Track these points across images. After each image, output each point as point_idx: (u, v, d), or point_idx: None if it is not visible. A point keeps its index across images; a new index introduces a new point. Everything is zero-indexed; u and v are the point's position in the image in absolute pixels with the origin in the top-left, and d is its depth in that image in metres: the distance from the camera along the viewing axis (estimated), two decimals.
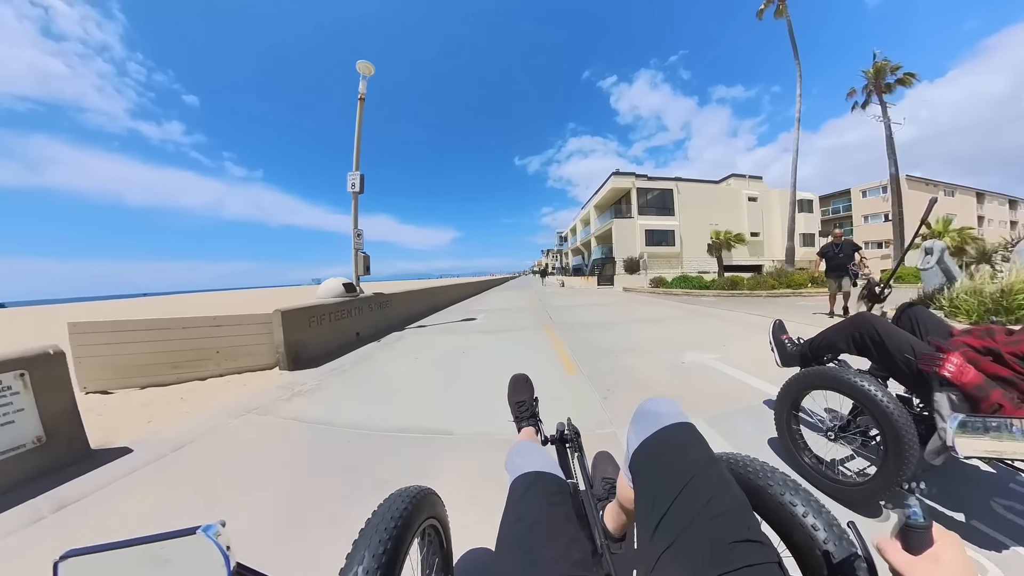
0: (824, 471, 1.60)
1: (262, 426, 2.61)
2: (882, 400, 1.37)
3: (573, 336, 5.60)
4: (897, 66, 21.48)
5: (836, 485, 1.54)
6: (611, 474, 1.22)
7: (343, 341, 5.60)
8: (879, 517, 1.43)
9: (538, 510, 0.70)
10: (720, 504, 0.55)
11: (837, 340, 1.75)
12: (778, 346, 2.13)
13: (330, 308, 5.38)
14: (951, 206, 31.81)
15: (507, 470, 0.89)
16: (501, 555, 0.66)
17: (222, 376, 4.32)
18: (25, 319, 18.00)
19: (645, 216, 27.39)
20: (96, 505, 1.73)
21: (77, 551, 0.39)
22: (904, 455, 1.32)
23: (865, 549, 0.55)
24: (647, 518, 0.60)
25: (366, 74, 7.01)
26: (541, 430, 1.36)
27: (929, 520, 0.47)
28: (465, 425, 2.49)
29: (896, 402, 1.38)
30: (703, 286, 13.70)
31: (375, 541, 0.63)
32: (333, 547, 1.31)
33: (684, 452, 0.66)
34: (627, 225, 26.99)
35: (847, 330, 1.69)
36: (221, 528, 0.42)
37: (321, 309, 5.18)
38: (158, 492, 1.83)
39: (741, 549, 0.50)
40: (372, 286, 20.48)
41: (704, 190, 28.85)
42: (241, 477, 1.94)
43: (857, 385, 1.44)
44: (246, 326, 4.64)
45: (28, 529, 1.56)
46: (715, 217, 27.30)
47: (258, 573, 0.45)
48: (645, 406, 0.80)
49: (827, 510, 0.65)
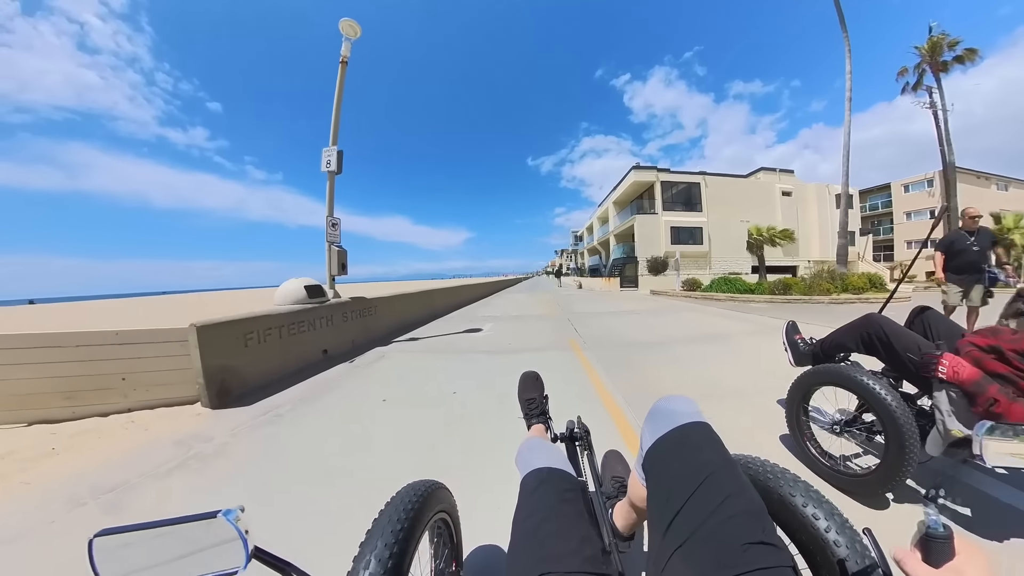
0: (830, 463, 1.70)
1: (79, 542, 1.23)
2: (884, 396, 1.46)
3: (616, 362, 4.04)
4: (956, 41, 19.26)
5: (842, 476, 1.62)
6: (621, 473, 1.20)
7: (304, 362, 4.26)
8: (885, 508, 1.48)
9: (550, 506, 0.69)
10: (735, 505, 0.54)
11: (847, 340, 1.85)
12: (791, 346, 2.22)
13: (282, 319, 4.02)
14: (1005, 201, 28.90)
15: (518, 466, 0.88)
16: (512, 550, 0.65)
17: (129, 412, 3.14)
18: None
19: (670, 212, 24.68)
20: None
21: (110, 530, 0.42)
22: (905, 448, 1.40)
23: (882, 557, 0.53)
24: (659, 517, 0.59)
25: (351, 36, 5.71)
26: (551, 428, 1.36)
27: (950, 530, 0.44)
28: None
29: (898, 398, 1.47)
30: (747, 289, 11.99)
31: (388, 532, 0.64)
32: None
33: (699, 451, 0.64)
34: (651, 222, 24.34)
35: (856, 330, 1.79)
36: (240, 513, 0.44)
37: (266, 321, 3.81)
38: None
39: (755, 551, 0.49)
40: (382, 287, 19.56)
41: (733, 185, 25.96)
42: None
43: (861, 382, 1.54)
44: (161, 344, 3.37)
45: None
46: (746, 213, 25.22)
47: (276, 556, 0.47)
48: (660, 404, 0.78)
49: (843, 516, 0.63)
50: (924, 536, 0.45)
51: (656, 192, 25.01)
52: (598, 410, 2.67)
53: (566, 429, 1.27)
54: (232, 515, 0.43)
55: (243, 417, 2.88)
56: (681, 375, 3.54)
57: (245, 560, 0.43)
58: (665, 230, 23.96)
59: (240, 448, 2.30)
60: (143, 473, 2.01)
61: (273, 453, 2.22)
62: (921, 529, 0.45)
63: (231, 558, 0.43)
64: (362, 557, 0.60)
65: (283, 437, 2.45)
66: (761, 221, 22.29)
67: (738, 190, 25.67)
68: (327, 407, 3.05)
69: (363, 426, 2.60)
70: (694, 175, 25.34)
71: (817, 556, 0.62)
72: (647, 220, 24.43)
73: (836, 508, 0.65)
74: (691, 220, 24.62)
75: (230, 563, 0.43)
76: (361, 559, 0.60)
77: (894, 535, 0.64)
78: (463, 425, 2.53)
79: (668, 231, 24.03)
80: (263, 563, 0.47)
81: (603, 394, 3.04)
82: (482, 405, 2.90)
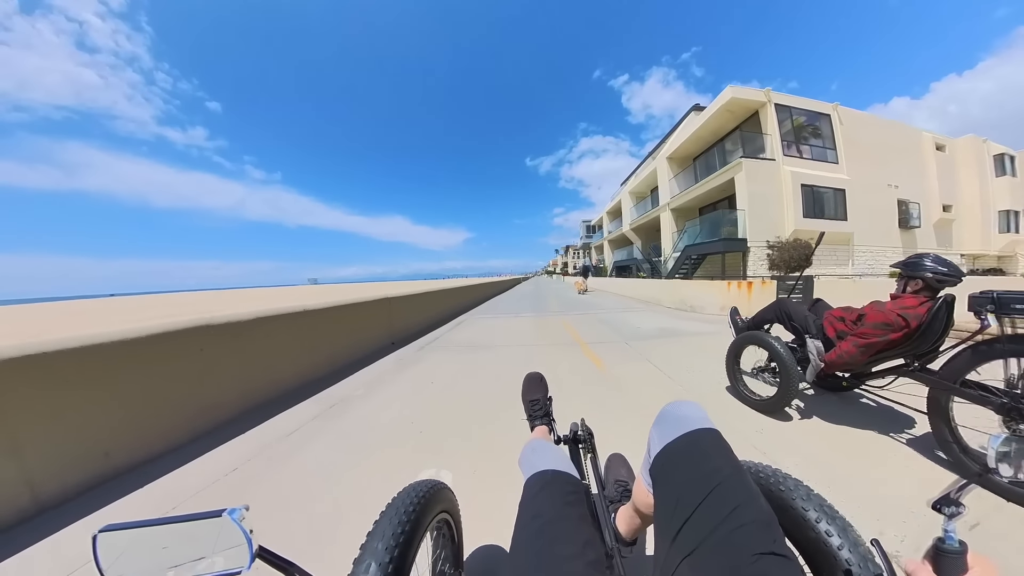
0: (753, 395, 2.57)
1: None
2: (778, 348, 2.34)
3: None
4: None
5: (758, 403, 2.48)
6: (624, 477, 1.19)
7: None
8: (789, 421, 2.31)
9: (553, 508, 0.68)
10: (745, 514, 0.53)
11: (766, 315, 2.73)
12: (733, 323, 3.09)
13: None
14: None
15: (521, 467, 0.86)
16: (514, 551, 0.63)
17: None
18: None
19: (795, 161, 13.56)
20: None
21: (114, 526, 0.41)
22: (791, 379, 2.24)
23: (890, 569, 0.52)
24: (667, 524, 0.59)
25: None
26: (554, 429, 1.34)
27: (964, 545, 0.44)
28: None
29: (787, 348, 2.35)
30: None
31: (389, 533, 0.63)
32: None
33: (709, 459, 0.64)
34: (765, 172, 13.09)
35: (772, 310, 2.69)
36: (245, 512, 0.44)
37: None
38: None
39: (765, 562, 0.48)
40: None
41: (871, 126, 15.09)
42: None
43: (767, 340, 2.43)
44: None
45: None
46: (893, 175, 15.74)
47: (280, 556, 0.47)
48: (669, 409, 0.77)
49: (852, 528, 0.63)
50: (937, 549, 0.44)
51: (770, 120, 13.58)
52: None
53: (570, 431, 1.27)
54: (237, 514, 0.43)
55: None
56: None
57: (249, 560, 0.43)
58: (793, 189, 13.03)
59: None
60: None
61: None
62: (934, 542, 0.45)
63: (235, 557, 0.43)
64: (363, 559, 0.60)
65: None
66: (910, 188, 15.85)
67: (877, 136, 15.67)
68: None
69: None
70: (821, 104, 15.13)
71: (824, 566, 0.61)
72: (759, 169, 13.06)
73: (843, 517, 0.65)
74: (827, 176, 14.41)
75: (234, 562, 0.43)
76: (362, 561, 0.59)
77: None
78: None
79: (798, 192, 13.25)
80: (267, 563, 0.46)
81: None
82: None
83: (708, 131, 15.97)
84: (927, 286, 1.94)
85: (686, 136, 16.92)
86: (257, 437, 2.35)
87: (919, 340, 1.91)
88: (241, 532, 0.42)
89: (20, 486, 1.62)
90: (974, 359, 1.75)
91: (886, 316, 1.94)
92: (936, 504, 0.47)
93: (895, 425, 2.24)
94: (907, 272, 2.00)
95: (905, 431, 2.17)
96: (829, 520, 0.64)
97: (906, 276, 2.01)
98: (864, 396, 2.72)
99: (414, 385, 3.35)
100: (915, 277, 1.96)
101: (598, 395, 2.90)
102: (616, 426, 2.27)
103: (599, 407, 2.61)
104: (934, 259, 1.94)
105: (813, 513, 0.65)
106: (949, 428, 1.78)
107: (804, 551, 0.64)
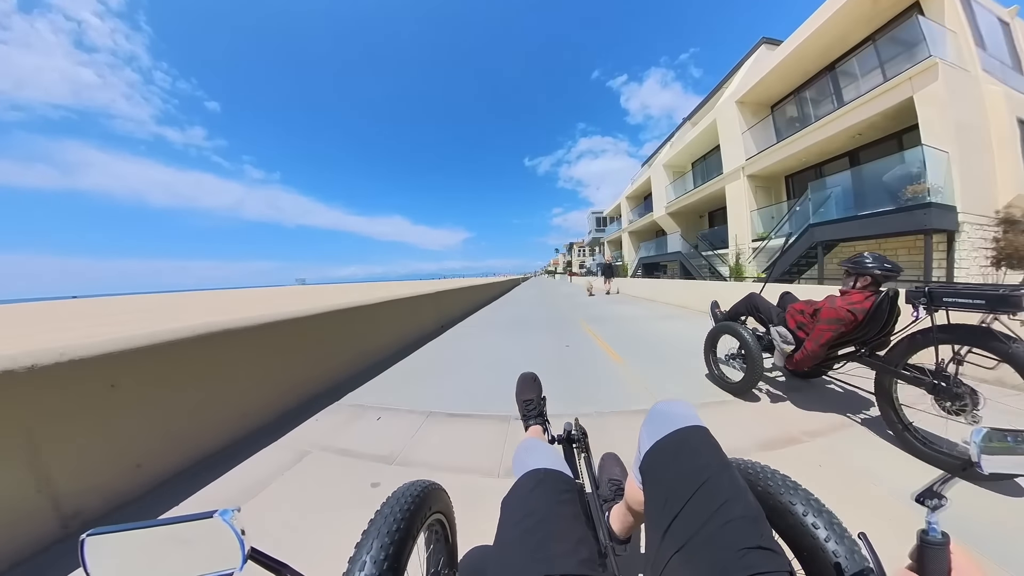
0: (725, 379, 2.89)
1: None
2: (746, 337, 2.61)
3: None
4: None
5: (730, 385, 2.80)
6: (617, 475, 1.21)
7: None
8: (757, 402, 2.64)
9: (547, 506, 0.67)
10: (733, 510, 0.54)
11: (740, 308, 3.06)
12: (713, 315, 3.36)
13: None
14: None
15: (514, 466, 0.87)
16: (504, 548, 0.62)
17: None
18: None
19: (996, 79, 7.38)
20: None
21: (102, 529, 0.40)
22: (756, 364, 2.51)
23: (876, 562, 0.53)
24: (657, 521, 0.60)
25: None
26: (548, 429, 1.37)
27: (947, 537, 0.44)
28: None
29: (754, 337, 2.61)
30: None
31: (383, 532, 0.63)
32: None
33: (697, 455, 0.65)
34: (962, 86, 6.85)
35: (744, 303, 3.02)
36: (237, 513, 0.43)
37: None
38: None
39: (753, 556, 0.49)
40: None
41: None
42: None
43: (737, 330, 2.71)
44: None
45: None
46: None
47: (271, 557, 0.47)
48: (659, 407, 0.79)
49: (839, 522, 0.63)
50: (920, 542, 0.45)
51: (949, 8, 7.24)
52: None
53: (563, 431, 1.27)
54: (229, 515, 0.42)
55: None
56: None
57: (241, 561, 0.42)
58: (1008, 125, 7.05)
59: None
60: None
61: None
62: (919, 535, 0.45)
63: (227, 559, 0.42)
64: (358, 558, 0.60)
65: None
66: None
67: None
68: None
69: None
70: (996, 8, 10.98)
71: (812, 560, 0.61)
72: (956, 83, 6.77)
73: (831, 511, 0.66)
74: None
75: (226, 564, 0.42)
76: (357, 560, 0.60)
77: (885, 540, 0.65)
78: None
79: (1015, 131, 7.09)
80: (259, 564, 0.46)
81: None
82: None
83: (815, 47, 9.49)
84: (874, 281, 2.14)
85: (774, 65, 10.58)
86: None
87: (865, 329, 2.12)
88: (233, 533, 0.41)
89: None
90: (912, 346, 1.96)
91: (837, 312, 2.14)
92: (919, 497, 0.48)
93: (853, 406, 2.52)
94: (855, 270, 2.21)
95: (862, 412, 2.44)
96: (816, 514, 0.64)
97: (855, 273, 2.22)
98: (831, 382, 2.96)
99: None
100: (863, 274, 2.17)
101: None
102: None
103: None
104: (876, 257, 2.16)
105: (800, 507, 0.66)
106: (893, 408, 1.98)
107: (792, 545, 0.64)
